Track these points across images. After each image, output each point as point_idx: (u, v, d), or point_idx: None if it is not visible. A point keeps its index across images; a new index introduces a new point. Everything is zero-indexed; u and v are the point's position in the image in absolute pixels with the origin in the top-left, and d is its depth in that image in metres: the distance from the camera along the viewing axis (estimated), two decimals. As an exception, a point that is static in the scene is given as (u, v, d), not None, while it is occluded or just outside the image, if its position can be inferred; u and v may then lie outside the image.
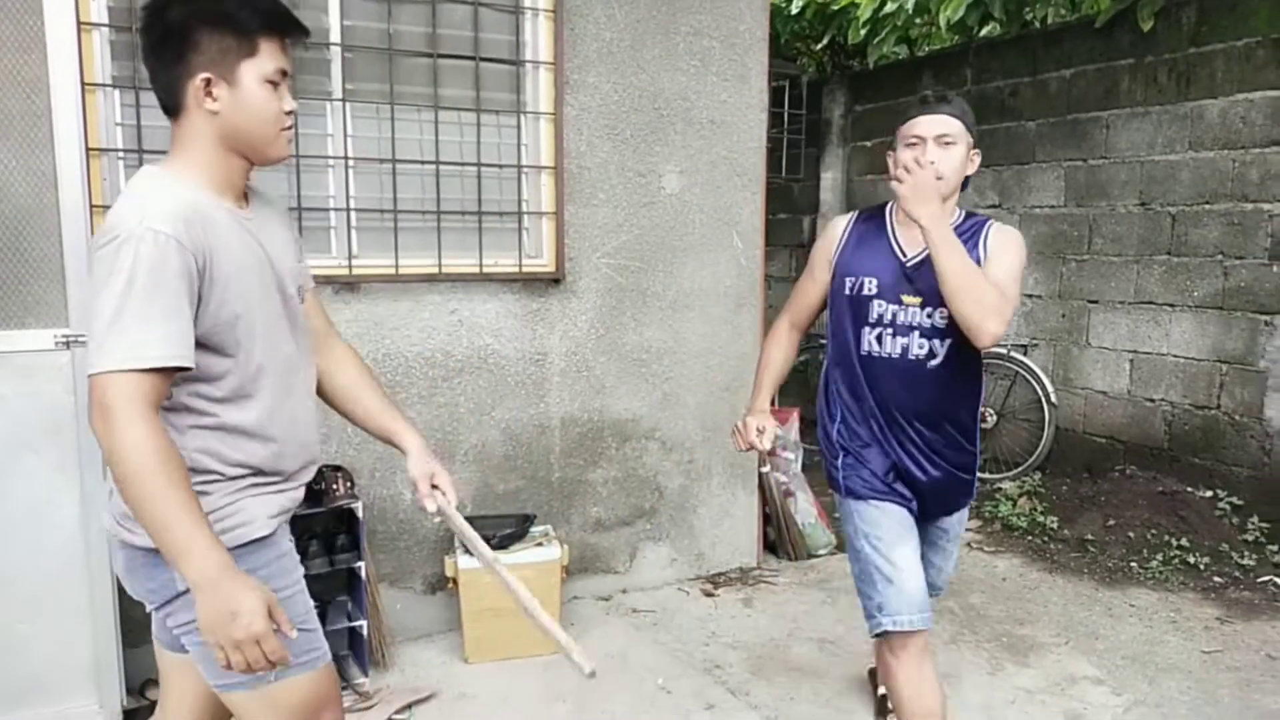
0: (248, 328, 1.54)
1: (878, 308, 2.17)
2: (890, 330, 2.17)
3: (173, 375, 1.44)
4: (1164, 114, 4.66)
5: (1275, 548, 4.10)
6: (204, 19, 1.46)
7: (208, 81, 1.47)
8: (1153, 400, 4.83)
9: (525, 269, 3.41)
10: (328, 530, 2.98)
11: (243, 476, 1.58)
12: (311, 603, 1.71)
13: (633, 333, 3.64)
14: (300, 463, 1.69)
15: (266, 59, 1.50)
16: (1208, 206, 4.51)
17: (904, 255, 2.17)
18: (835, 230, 2.31)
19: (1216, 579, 3.93)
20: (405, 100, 3.17)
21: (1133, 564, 4.07)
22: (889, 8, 5.71)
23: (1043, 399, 5.07)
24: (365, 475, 3.17)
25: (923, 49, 6.63)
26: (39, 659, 2.55)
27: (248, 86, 1.49)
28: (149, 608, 1.62)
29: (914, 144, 2.11)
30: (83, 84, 2.58)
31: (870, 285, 2.17)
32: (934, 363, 2.16)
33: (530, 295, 3.42)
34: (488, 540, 3.10)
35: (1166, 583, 3.90)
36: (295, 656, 1.52)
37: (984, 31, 5.68)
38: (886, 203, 2.28)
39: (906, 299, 2.15)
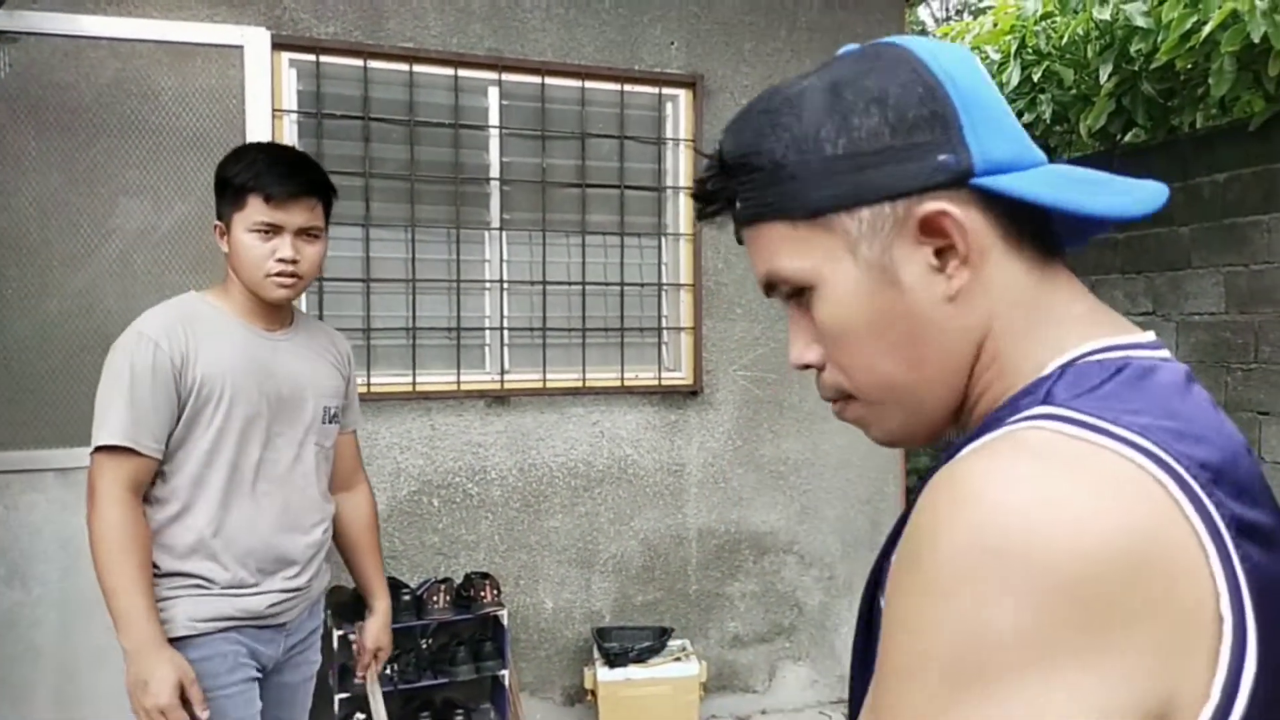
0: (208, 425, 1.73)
1: None
2: None
3: (148, 461, 1.66)
4: (1332, 216, 4.42)
5: None
6: (219, 176, 1.78)
7: (218, 228, 1.79)
8: (1342, 521, 4.41)
9: (664, 382, 3.52)
10: (474, 637, 3.08)
11: (172, 575, 1.70)
12: (241, 716, 1.73)
13: (769, 444, 3.66)
14: (254, 570, 1.76)
15: (252, 211, 1.73)
16: (1390, 312, 4.19)
17: None
18: None
19: None
20: (555, 227, 3.39)
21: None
22: (1025, 118, 5.71)
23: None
24: (510, 583, 3.27)
25: (1063, 158, 6.55)
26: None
27: (235, 235, 1.76)
28: None
29: None
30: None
31: None
32: None
33: (669, 407, 3.51)
34: (626, 652, 3.14)
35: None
36: None
37: (1128, 137, 5.58)
38: None
39: None
